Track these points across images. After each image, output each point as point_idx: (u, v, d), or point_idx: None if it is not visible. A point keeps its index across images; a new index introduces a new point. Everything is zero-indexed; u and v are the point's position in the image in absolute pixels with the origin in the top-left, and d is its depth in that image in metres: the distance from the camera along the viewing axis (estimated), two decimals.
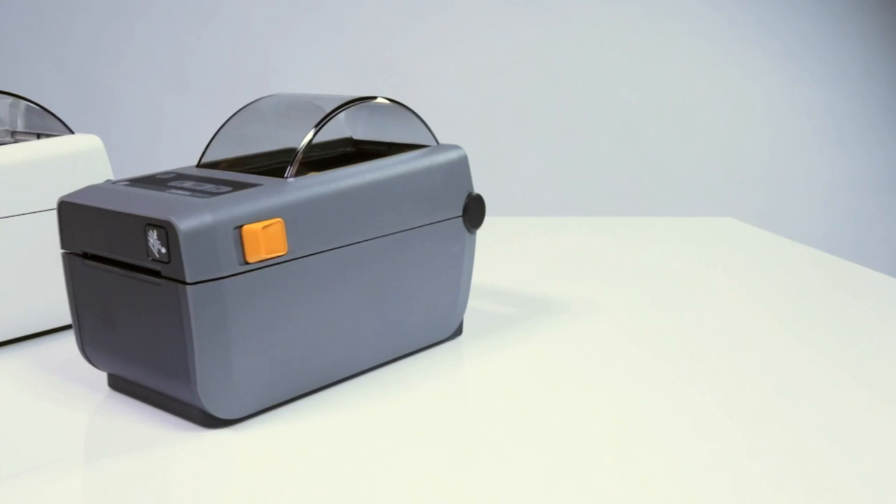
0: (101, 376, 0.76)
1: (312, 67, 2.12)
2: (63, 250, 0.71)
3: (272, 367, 0.68)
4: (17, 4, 2.16)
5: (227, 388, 0.65)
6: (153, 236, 0.63)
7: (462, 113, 2.19)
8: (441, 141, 0.84)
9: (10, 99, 0.92)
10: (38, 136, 0.92)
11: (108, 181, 0.73)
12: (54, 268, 0.85)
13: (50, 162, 0.85)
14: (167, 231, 0.62)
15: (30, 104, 0.92)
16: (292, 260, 0.68)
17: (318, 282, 0.70)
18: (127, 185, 0.71)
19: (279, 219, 0.66)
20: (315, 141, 0.85)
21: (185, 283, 0.62)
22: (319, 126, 0.74)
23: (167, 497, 0.59)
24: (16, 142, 0.94)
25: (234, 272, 0.64)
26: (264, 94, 0.84)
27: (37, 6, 2.15)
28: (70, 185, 0.86)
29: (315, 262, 0.69)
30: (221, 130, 0.79)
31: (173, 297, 0.63)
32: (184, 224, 0.61)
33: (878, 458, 0.62)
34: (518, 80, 2.17)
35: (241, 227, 0.64)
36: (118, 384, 0.74)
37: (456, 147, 0.83)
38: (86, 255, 0.70)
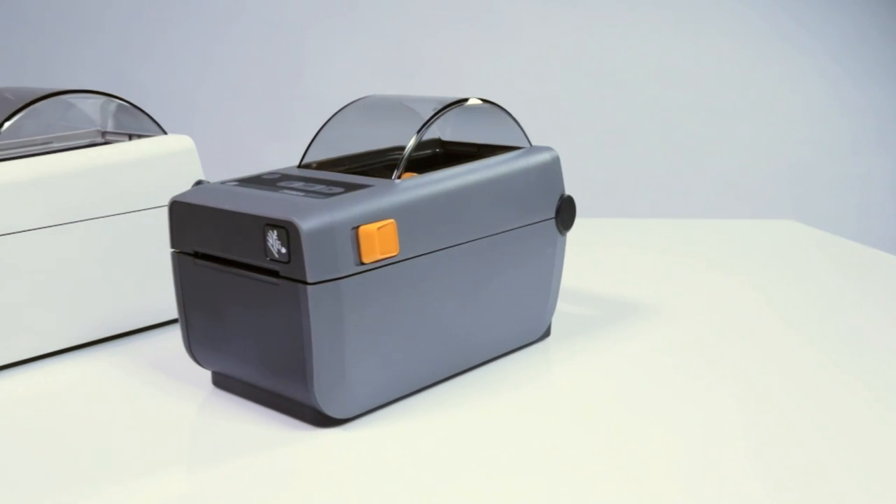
0: (205, 374, 0.77)
1: (357, 67, 2.13)
2: (173, 249, 0.72)
3: (381, 367, 0.69)
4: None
5: (341, 388, 0.66)
6: (272, 236, 0.63)
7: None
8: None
9: (102, 99, 0.93)
10: (130, 136, 0.93)
11: (216, 182, 0.74)
12: (147, 267, 0.87)
13: (143, 163, 0.86)
14: (288, 231, 0.62)
15: (122, 103, 0.93)
16: (402, 261, 0.68)
17: (424, 283, 0.70)
18: (236, 185, 0.72)
19: (392, 220, 0.67)
20: (388, 144, 0.87)
21: (305, 283, 0.63)
22: (425, 127, 0.75)
23: (284, 495, 0.59)
24: (106, 142, 0.96)
25: (350, 273, 0.64)
26: (360, 96, 0.85)
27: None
28: (163, 185, 0.88)
29: (422, 264, 0.70)
30: (321, 132, 0.79)
31: (292, 296, 0.64)
32: (306, 224, 0.62)
33: None
34: (568, 82, 2.17)
35: (357, 227, 0.65)
36: (223, 382, 0.75)
37: (549, 148, 0.83)
38: (197, 255, 0.71)
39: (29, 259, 0.79)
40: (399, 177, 0.71)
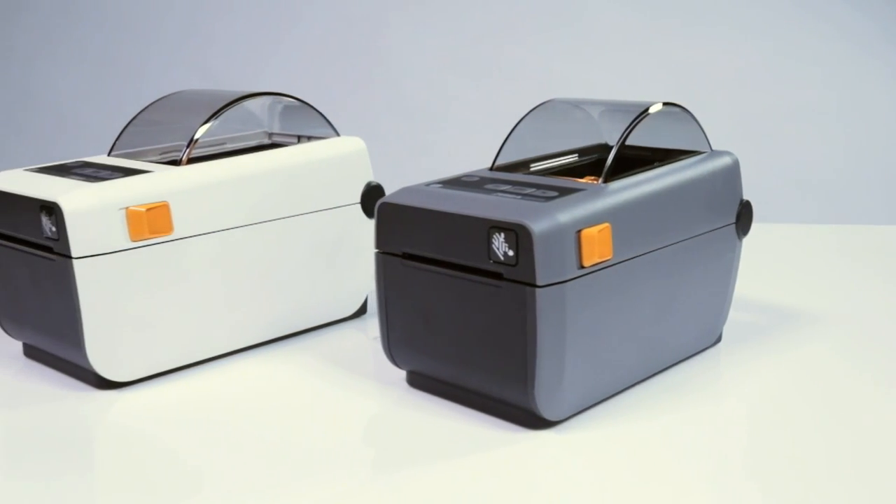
0: (393, 373, 0.78)
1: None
2: (377, 250, 0.73)
3: (592, 370, 0.69)
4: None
5: (558, 390, 0.66)
6: (499, 239, 0.64)
7: None
8: None
9: (270, 99, 0.94)
10: (299, 138, 0.95)
11: (419, 184, 0.74)
12: (324, 266, 0.88)
13: (322, 164, 0.87)
14: (517, 234, 0.63)
15: (290, 102, 0.94)
16: (613, 265, 0.68)
17: (631, 287, 0.71)
18: (441, 187, 0.73)
19: (608, 223, 0.67)
20: (575, 146, 0.88)
21: (533, 285, 0.63)
22: (627, 132, 0.75)
23: (510, 497, 0.60)
24: (273, 143, 0.97)
25: (572, 276, 0.65)
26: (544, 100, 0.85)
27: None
28: (337, 186, 0.89)
29: (629, 268, 0.70)
30: (511, 135, 0.80)
31: (518, 299, 0.64)
32: (538, 227, 0.62)
33: None
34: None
35: (580, 231, 0.65)
36: (419, 382, 0.76)
37: (729, 153, 0.83)
38: (405, 256, 0.72)
39: (222, 258, 0.80)
40: (605, 181, 0.71)
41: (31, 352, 0.82)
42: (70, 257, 0.70)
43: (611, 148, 0.90)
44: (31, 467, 0.65)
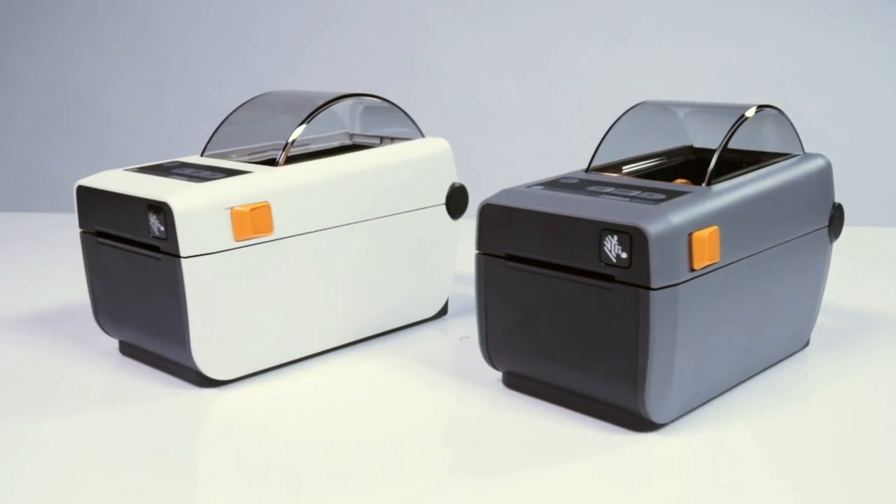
0: (481, 373, 0.78)
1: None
2: (478, 251, 0.73)
3: (697, 373, 0.69)
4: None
5: (667, 392, 0.66)
6: (612, 241, 0.64)
7: None
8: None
9: (352, 100, 0.95)
10: (381, 139, 0.95)
11: (520, 185, 0.75)
12: (408, 268, 0.89)
13: (409, 165, 0.88)
14: (632, 236, 0.63)
15: (371, 102, 0.94)
16: (720, 268, 0.68)
17: (735, 290, 0.70)
18: (543, 188, 0.73)
19: (716, 226, 0.67)
20: (662, 148, 0.88)
21: (648, 288, 0.63)
22: (729, 136, 0.74)
23: (610, 501, 0.60)
24: (354, 144, 0.98)
25: (684, 279, 0.65)
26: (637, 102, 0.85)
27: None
28: (423, 187, 0.89)
29: (734, 271, 0.70)
30: (605, 139, 0.80)
31: (630, 302, 0.64)
32: (653, 229, 0.63)
33: None
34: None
35: (691, 233, 0.65)
36: (516, 382, 0.76)
37: (821, 155, 0.82)
38: (508, 258, 0.72)
39: (317, 258, 0.80)
40: (708, 183, 0.71)
41: (128, 349, 0.83)
42: (178, 256, 0.71)
43: (697, 150, 0.91)
44: (139, 464, 0.65)
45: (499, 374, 0.78)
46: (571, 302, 0.68)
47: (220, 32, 2.31)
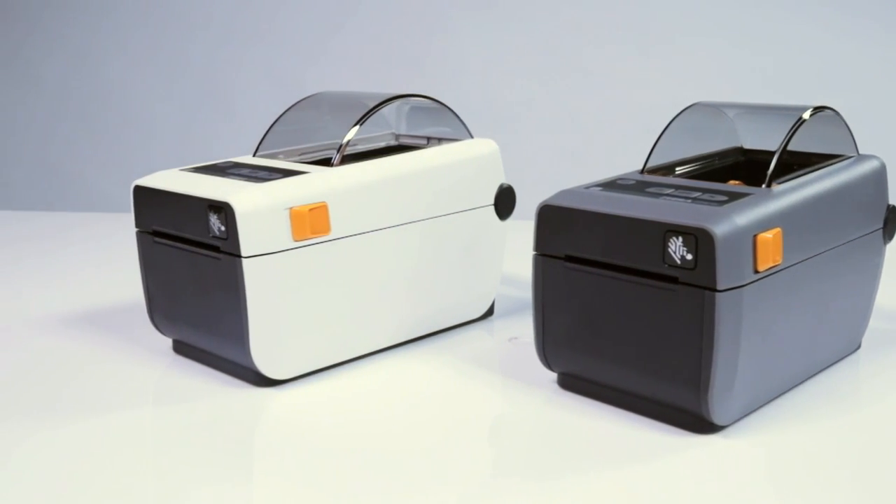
0: (536, 373, 0.78)
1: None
2: (536, 252, 0.73)
3: (758, 375, 0.69)
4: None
5: (729, 394, 0.66)
6: (676, 242, 0.64)
7: None
8: None
9: (398, 101, 0.95)
10: (428, 139, 0.95)
11: (578, 186, 0.75)
12: (457, 268, 0.89)
13: (459, 165, 0.88)
14: (697, 238, 0.63)
15: (418, 103, 0.94)
16: (781, 270, 0.68)
17: (795, 292, 0.70)
18: (601, 189, 0.73)
19: (779, 228, 0.67)
20: (711, 150, 0.88)
21: (713, 290, 0.63)
22: (788, 138, 0.74)
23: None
24: (400, 144, 0.98)
25: (748, 281, 0.65)
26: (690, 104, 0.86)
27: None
28: (472, 188, 0.89)
29: (794, 273, 0.70)
30: (659, 141, 0.80)
31: (695, 303, 0.64)
32: (720, 230, 0.62)
33: None
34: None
35: (755, 235, 0.65)
36: (571, 383, 0.76)
37: (875, 157, 0.82)
38: (568, 258, 0.72)
39: (370, 259, 0.81)
40: (768, 185, 0.71)
41: (182, 348, 0.84)
42: (239, 256, 0.71)
43: (747, 152, 0.91)
44: (198, 460, 0.66)
45: (552, 375, 0.78)
46: (633, 303, 0.68)
47: (240, 31, 2.31)
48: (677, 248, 0.64)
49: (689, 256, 0.64)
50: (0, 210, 1.63)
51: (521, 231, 0.97)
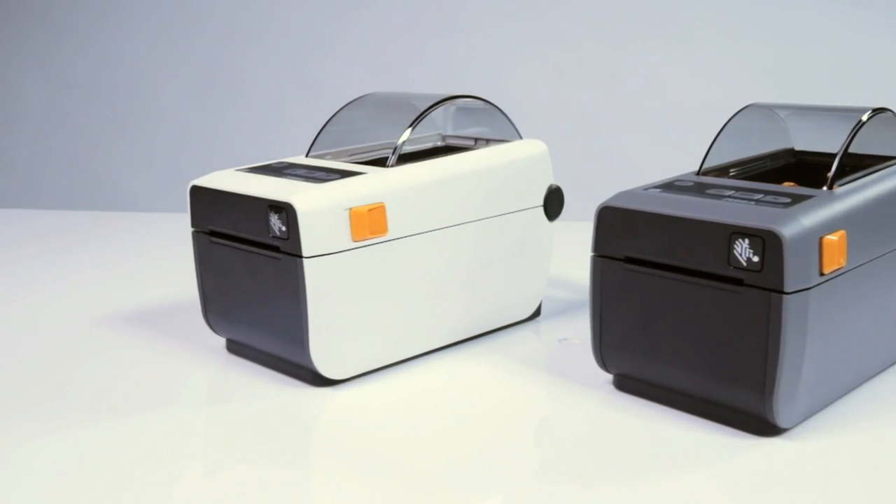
0: (589, 374, 0.78)
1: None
2: (594, 254, 0.73)
3: (821, 377, 0.68)
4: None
5: (794, 397, 0.66)
6: (743, 244, 0.64)
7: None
8: None
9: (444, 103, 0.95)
10: (476, 140, 0.95)
11: (636, 187, 0.74)
12: (507, 269, 0.89)
13: (507, 168, 0.87)
14: (765, 240, 0.63)
15: (464, 104, 0.94)
16: (845, 272, 0.68)
17: (856, 295, 0.70)
18: (661, 191, 0.73)
19: (843, 230, 0.66)
20: (762, 151, 0.87)
21: (781, 292, 0.63)
22: (849, 140, 0.74)
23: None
24: (447, 145, 0.98)
25: (815, 283, 0.65)
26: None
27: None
28: (521, 189, 0.89)
29: (856, 275, 0.69)
30: (716, 141, 0.80)
31: (762, 306, 0.64)
32: (788, 232, 0.62)
33: None
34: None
35: (822, 237, 0.65)
36: (628, 385, 0.75)
37: None
38: (627, 260, 0.72)
39: (424, 260, 0.81)
40: (830, 187, 0.70)
41: (235, 347, 0.84)
42: (300, 256, 0.72)
43: (798, 153, 0.90)
44: (261, 460, 0.66)
45: (605, 376, 0.78)
46: (696, 305, 0.68)
47: (269, 36, 2.32)
48: (743, 250, 0.64)
49: (756, 258, 0.64)
50: (33, 209, 1.64)
51: (562, 232, 0.98)
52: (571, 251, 1.05)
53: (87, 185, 2.49)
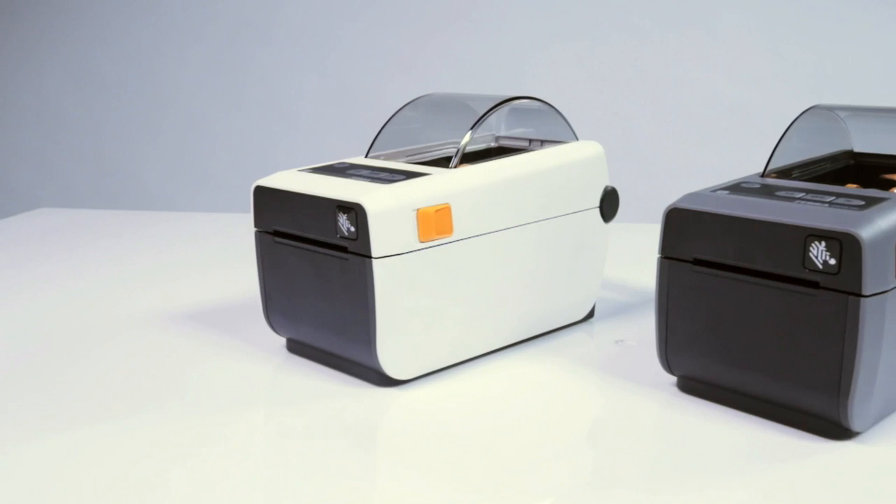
0: (651, 375, 0.78)
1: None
2: (661, 255, 0.73)
3: (893, 380, 0.68)
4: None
5: (869, 400, 0.66)
6: (819, 247, 0.64)
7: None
8: None
9: (504, 104, 0.95)
10: (530, 141, 0.95)
11: (704, 189, 0.74)
12: (564, 271, 0.89)
13: (566, 169, 0.87)
14: (842, 242, 0.63)
15: (526, 104, 0.94)
16: None
17: None
18: (729, 193, 0.73)
19: None
20: (820, 153, 0.87)
21: (859, 295, 0.63)
22: None
23: None
24: (501, 147, 0.98)
25: (892, 286, 0.64)
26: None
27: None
28: (579, 190, 0.89)
29: None
30: (780, 143, 0.80)
31: (838, 309, 0.63)
32: (866, 234, 0.62)
33: None
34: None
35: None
36: (693, 387, 0.75)
37: None
38: (696, 262, 0.72)
39: (487, 261, 0.81)
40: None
41: (296, 347, 0.85)
42: (369, 257, 0.72)
43: (857, 155, 0.90)
44: (330, 458, 0.66)
45: (665, 378, 0.78)
46: (769, 307, 0.67)
47: (302, 42, 2.33)
48: (819, 253, 0.64)
49: (833, 261, 0.63)
50: (70, 209, 1.65)
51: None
52: (618, 252, 1.05)
53: (112, 184, 2.50)
